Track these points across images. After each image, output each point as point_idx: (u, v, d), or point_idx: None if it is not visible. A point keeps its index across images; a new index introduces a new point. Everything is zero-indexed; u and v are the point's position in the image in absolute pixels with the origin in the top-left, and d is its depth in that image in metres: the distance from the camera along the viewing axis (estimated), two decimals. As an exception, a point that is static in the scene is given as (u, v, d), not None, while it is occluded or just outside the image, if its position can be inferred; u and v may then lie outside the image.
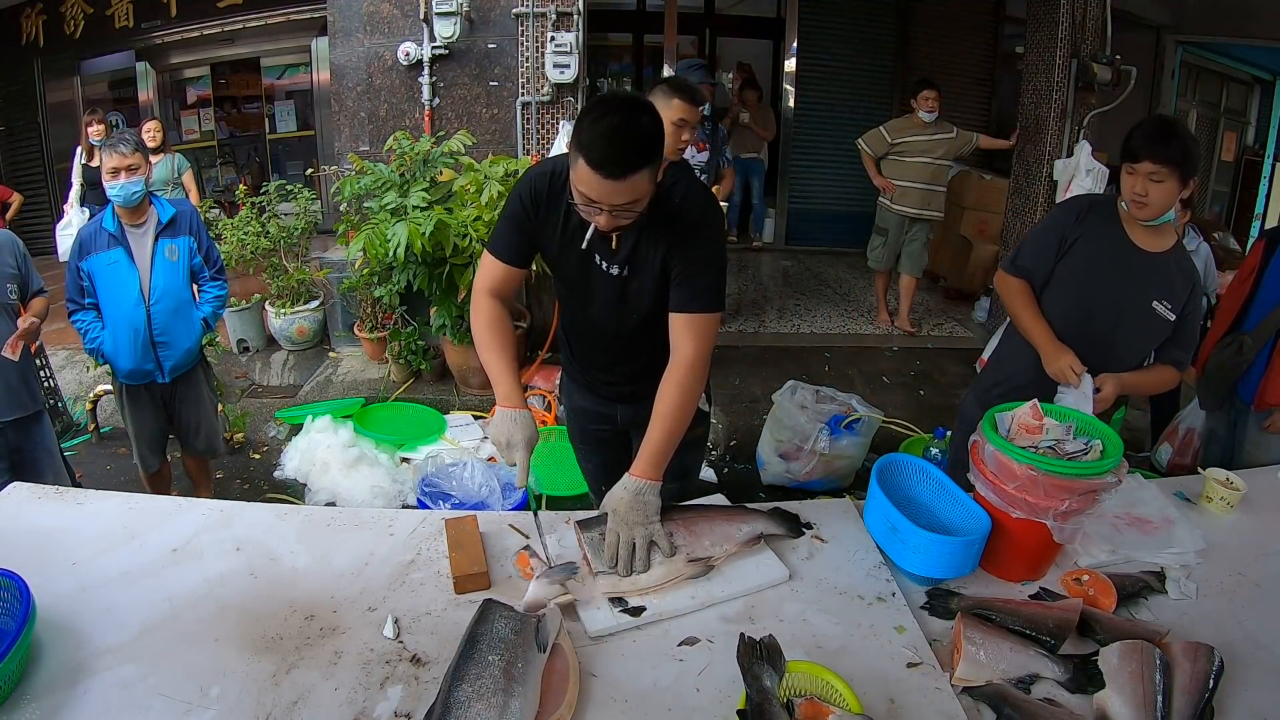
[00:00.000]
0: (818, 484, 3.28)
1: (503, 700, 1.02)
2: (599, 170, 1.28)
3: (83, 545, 1.43)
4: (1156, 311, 1.93)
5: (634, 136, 1.29)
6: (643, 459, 1.47)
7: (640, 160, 1.30)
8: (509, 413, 1.47)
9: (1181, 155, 1.80)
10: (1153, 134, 1.82)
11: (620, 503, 1.42)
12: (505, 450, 1.47)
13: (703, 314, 1.50)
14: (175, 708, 1.09)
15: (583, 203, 1.35)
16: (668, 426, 1.48)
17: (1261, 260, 2.39)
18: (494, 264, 1.60)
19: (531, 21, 4.25)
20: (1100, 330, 1.96)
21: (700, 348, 1.50)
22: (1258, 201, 7.01)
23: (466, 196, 3.66)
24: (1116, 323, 1.95)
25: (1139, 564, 1.48)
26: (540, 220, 1.54)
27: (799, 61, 6.58)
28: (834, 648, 1.24)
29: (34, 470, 2.41)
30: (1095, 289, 1.96)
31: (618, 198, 1.31)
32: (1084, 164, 4.34)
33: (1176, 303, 1.93)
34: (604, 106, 1.31)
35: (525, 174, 1.58)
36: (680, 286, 1.50)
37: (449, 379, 4.15)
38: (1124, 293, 1.94)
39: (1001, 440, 1.41)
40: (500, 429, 1.47)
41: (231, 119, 7.04)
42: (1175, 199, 1.87)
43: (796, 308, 5.51)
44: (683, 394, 1.49)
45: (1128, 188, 1.88)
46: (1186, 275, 1.96)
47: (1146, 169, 1.82)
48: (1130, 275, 1.94)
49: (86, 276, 2.57)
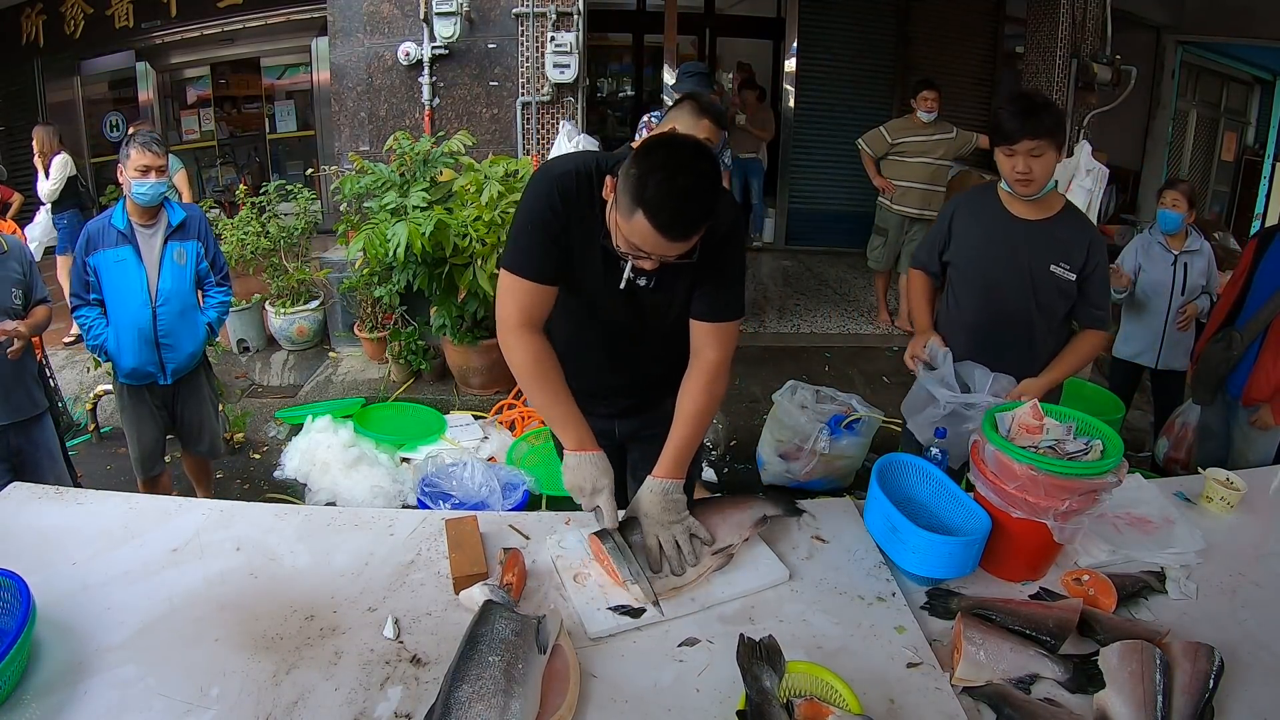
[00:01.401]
0: (818, 484, 3.28)
1: (503, 701, 1.02)
2: (665, 233, 1.22)
3: (83, 545, 1.43)
4: (1057, 275, 1.98)
5: (704, 198, 1.24)
6: (667, 459, 1.47)
7: (706, 220, 1.25)
8: (585, 456, 1.42)
9: (1054, 124, 1.85)
10: (1022, 111, 1.86)
11: (652, 505, 1.43)
12: (589, 497, 1.42)
13: (727, 322, 1.50)
14: (175, 708, 1.09)
15: (630, 250, 1.29)
16: (693, 428, 1.49)
17: (1253, 259, 2.45)
18: (523, 287, 1.41)
19: (531, 21, 4.25)
20: (1011, 305, 2.02)
21: (725, 353, 1.51)
22: (1258, 201, 7.01)
23: (466, 196, 3.66)
24: (1023, 294, 2.00)
25: (1139, 564, 1.48)
26: (570, 226, 1.41)
27: (799, 61, 6.58)
28: (834, 648, 1.24)
29: (35, 473, 2.40)
30: (993, 268, 2.03)
31: (673, 252, 1.27)
32: (1084, 164, 4.34)
33: (1074, 263, 1.97)
34: (673, 163, 1.22)
35: (543, 177, 1.44)
36: (707, 296, 1.48)
37: (449, 379, 4.15)
38: (1020, 264, 1.99)
39: (1002, 440, 1.40)
40: (581, 475, 1.41)
41: (231, 119, 7.04)
42: (1054, 169, 1.91)
43: (796, 308, 5.51)
44: (709, 398, 1.50)
45: (1008, 169, 1.92)
46: (1081, 234, 2.00)
47: (1025, 147, 1.86)
48: (1021, 246, 2.00)
49: (92, 271, 2.57)
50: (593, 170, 1.41)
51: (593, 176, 1.41)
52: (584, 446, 1.43)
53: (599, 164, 1.42)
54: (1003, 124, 1.88)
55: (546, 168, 1.46)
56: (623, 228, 1.27)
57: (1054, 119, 1.84)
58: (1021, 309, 2.01)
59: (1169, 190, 3.29)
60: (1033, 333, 2.02)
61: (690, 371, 1.53)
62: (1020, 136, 1.85)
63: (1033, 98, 1.91)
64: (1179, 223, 3.24)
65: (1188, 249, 3.27)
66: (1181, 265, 3.25)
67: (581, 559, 1.42)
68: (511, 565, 1.36)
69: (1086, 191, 4.35)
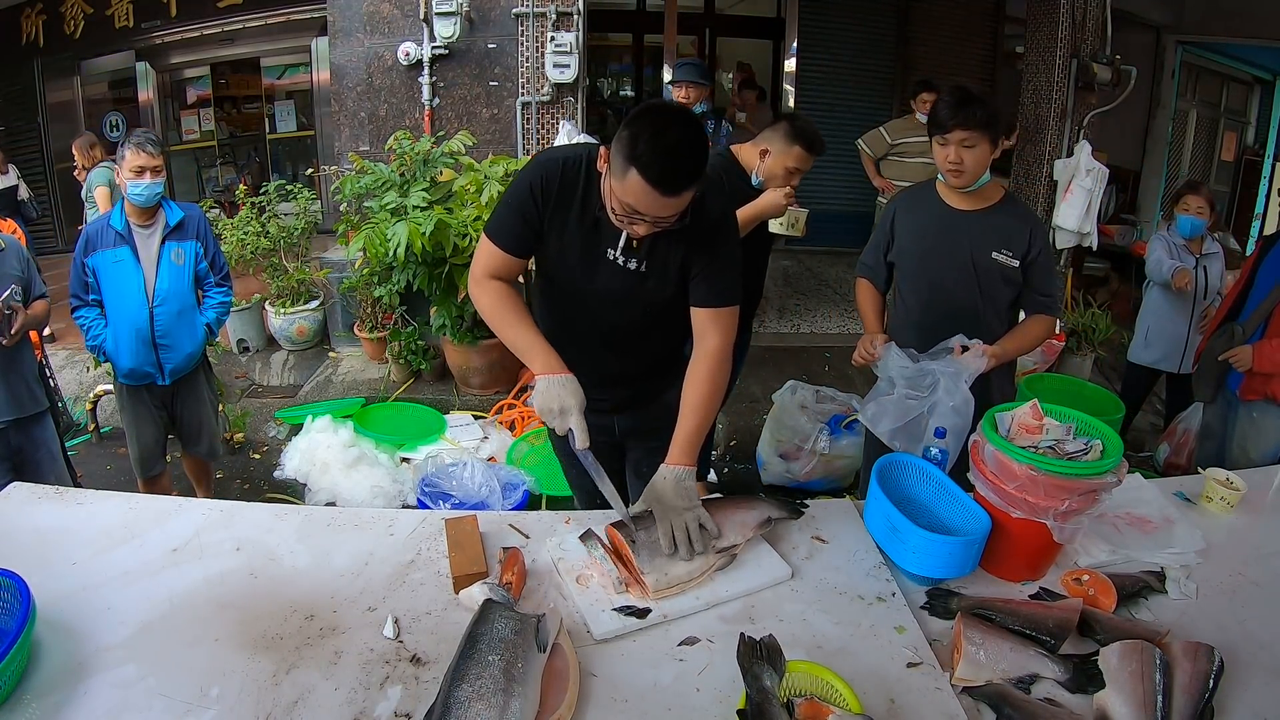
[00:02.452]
0: (818, 484, 3.28)
1: (503, 700, 1.02)
2: (658, 187, 1.27)
3: (83, 545, 1.43)
4: (999, 261, 2.01)
5: (694, 153, 1.30)
6: (677, 447, 1.49)
7: (697, 176, 1.31)
8: (554, 379, 1.44)
9: (987, 117, 1.90)
10: (956, 103, 1.91)
11: (665, 492, 1.45)
12: (558, 417, 1.44)
13: (727, 307, 1.54)
14: (175, 707, 1.09)
15: (624, 213, 1.35)
16: (701, 415, 1.52)
17: (1256, 259, 2.52)
18: (494, 251, 1.54)
19: (531, 21, 4.25)
20: (956, 297, 2.06)
21: (727, 339, 1.55)
22: (1258, 201, 7.01)
23: (466, 196, 3.66)
24: (965, 284, 2.04)
25: (1139, 564, 1.48)
26: (549, 211, 1.49)
27: (799, 61, 6.58)
28: (834, 648, 1.24)
29: (36, 472, 2.40)
30: (933, 260, 2.07)
31: (667, 211, 1.33)
32: (1084, 164, 4.34)
33: (1017, 249, 2.00)
34: (662, 121, 1.29)
35: (532, 163, 1.53)
36: (704, 283, 1.53)
37: (449, 379, 4.15)
38: (960, 254, 2.03)
39: (1001, 440, 1.40)
40: (549, 397, 1.44)
41: (231, 119, 7.04)
42: (989, 161, 1.97)
43: (796, 308, 5.51)
44: (713, 383, 1.54)
45: (942, 158, 1.97)
46: (1021, 221, 2.04)
47: (957, 137, 1.91)
48: (961, 236, 2.03)
49: (91, 272, 2.57)
50: (583, 159, 1.47)
51: (581, 165, 1.47)
52: (552, 370, 1.45)
53: (590, 155, 1.47)
54: (937, 113, 1.94)
55: (539, 156, 1.55)
56: (616, 190, 1.33)
57: (986, 112, 1.90)
58: (967, 299, 2.05)
59: (1191, 196, 3.24)
60: (979, 323, 2.04)
61: (694, 360, 1.55)
62: (953, 126, 1.90)
63: (967, 89, 1.96)
64: (1202, 229, 3.21)
65: (1206, 253, 3.24)
66: (1201, 270, 3.24)
67: (584, 561, 1.41)
68: (511, 565, 1.36)
69: (1086, 191, 4.35)
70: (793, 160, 2.27)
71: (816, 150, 2.30)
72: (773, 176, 2.32)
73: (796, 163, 2.28)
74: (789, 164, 2.28)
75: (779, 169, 2.30)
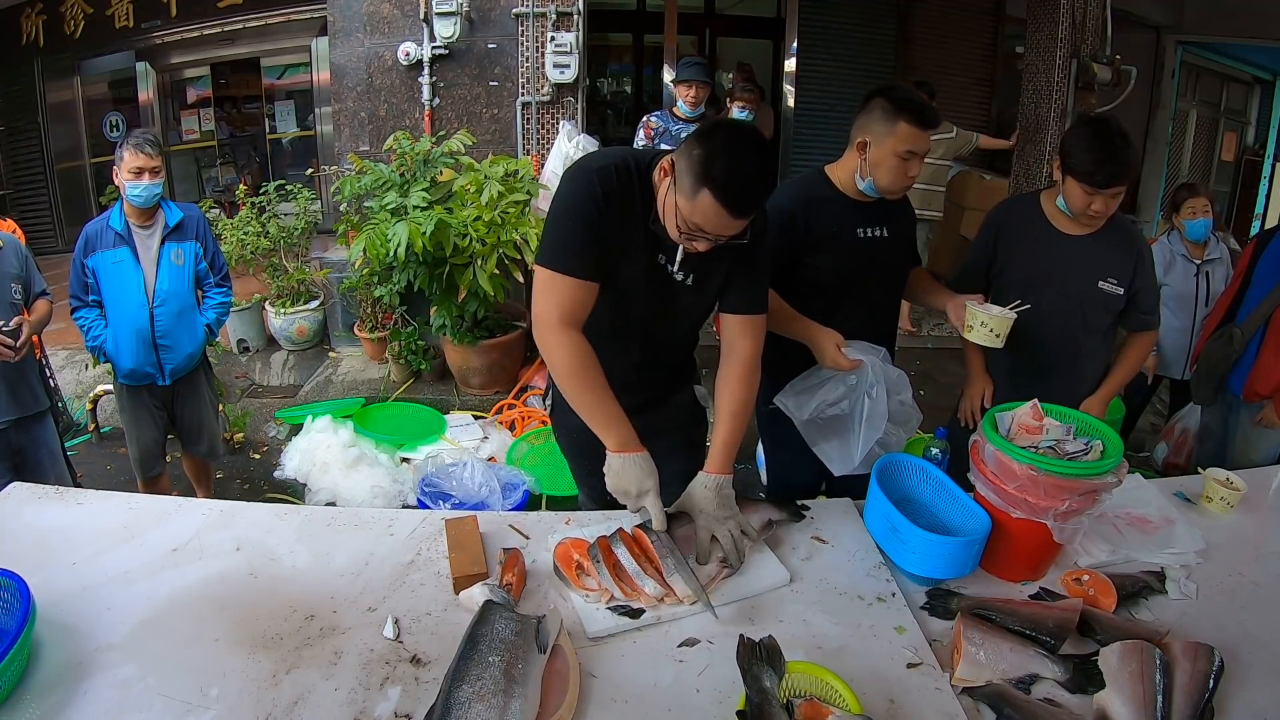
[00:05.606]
0: (818, 484, 3.27)
1: (503, 701, 1.02)
2: (732, 210, 1.27)
3: (83, 545, 1.43)
4: (1105, 290, 1.96)
5: (764, 176, 1.32)
6: (716, 455, 1.49)
7: (766, 197, 1.34)
8: (630, 458, 1.41)
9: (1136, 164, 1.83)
10: (1117, 159, 1.80)
11: (707, 502, 1.44)
12: (635, 499, 1.42)
13: (759, 315, 1.55)
14: (175, 707, 1.09)
15: (689, 231, 1.33)
16: (738, 421, 1.52)
17: (1251, 259, 2.48)
18: (563, 283, 1.38)
19: (531, 21, 4.25)
20: (1055, 325, 1.98)
21: (758, 345, 1.55)
22: (1258, 201, 7.01)
23: (466, 196, 3.66)
24: (1068, 313, 1.98)
25: (1139, 564, 1.48)
26: (613, 220, 1.39)
27: (799, 61, 6.58)
28: (834, 648, 1.24)
29: (37, 471, 2.41)
30: (1040, 288, 1.97)
31: (732, 230, 1.32)
32: (1084, 164, 4.33)
33: (1123, 276, 1.95)
34: (737, 143, 1.29)
35: (580, 172, 1.41)
36: (740, 291, 1.53)
37: (449, 379, 4.15)
38: (1069, 284, 1.96)
39: (1001, 440, 1.40)
40: (625, 477, 1.40)
41: (231, 119, 7.04)
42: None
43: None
44: (749, 391, 1.54)
45: (1083, 204, 1.86)
46: (1127, 245, 1.98)
47: (1113, 192, 1.84)
48: (1071, 265, 1.96)
49: (90, 273, 2.58)
50: (630, 165, 1.42)
51: (631, 170, 1.41)
52: (627, 447, 1.41)
53: (636, 160, 1.44)
54: (1095, 168, 1.80)
55: (582, 163, 1.44)
56: (683, 208, 1.30)
57: (1137, 159, 1.84)
58: (1067, 328, 1.99)
59: (1193, 199, 3.20)
60: (1079, 354, 2.01)
61: (726, 368, 1.54)
62: (1111, 184, 1.81)
63: (1125, 141, 1.81)
64: (1207, 229, 3.17)
65: (1209, 258, 3.21)
66: (1204, 275, 3.22)
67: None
68: (511, 565, 1.36)
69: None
70: (902, 142, 1.70)
71: (929, 122, 1.73)
72: (882, 169, 1.76)
73: (908, 144, 1.70)
74: (898, 148, 1.72)
75: (888, 157, 1.74)
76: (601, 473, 1.58)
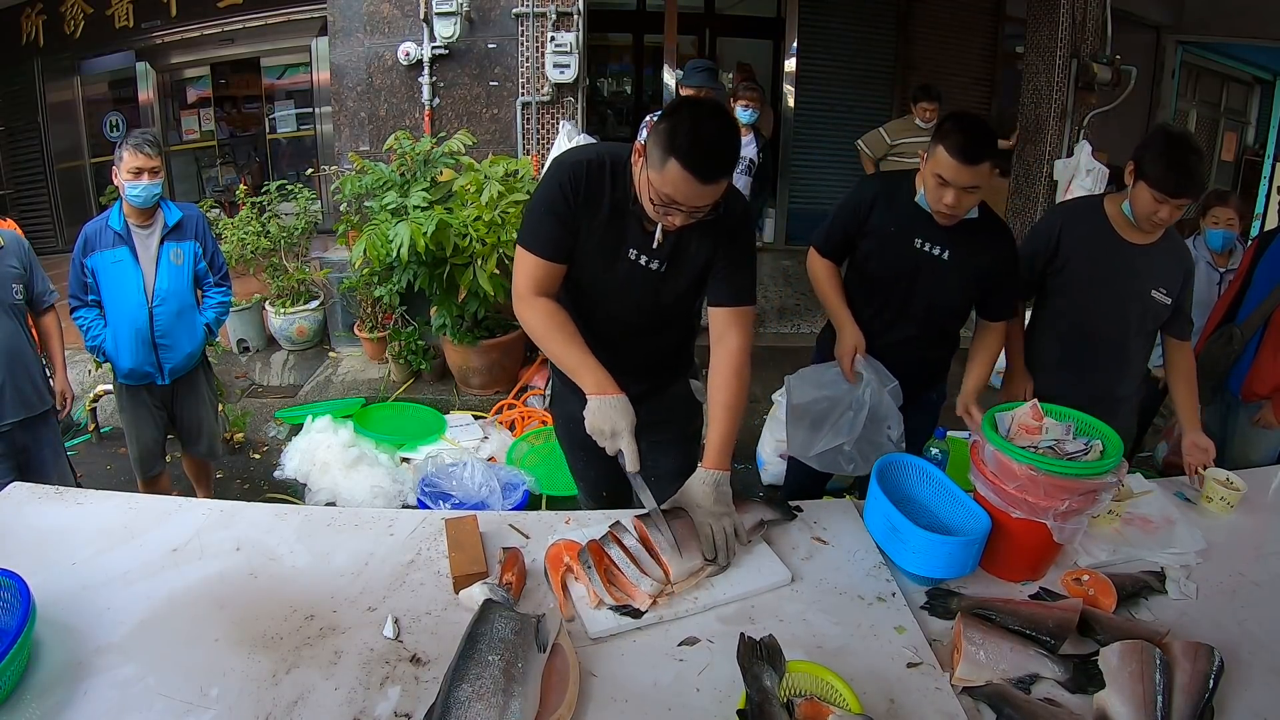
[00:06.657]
0: (818, 484, 3.28)
1: (503, 700, 1.02)
2: (696, 174, 1.30)
3: (83, 545, 1.43)
4: (1155, 299, 2.00)
5: (731, 142, 1.34)
6: (713, 451, 1.52)
7: (732, 164, 1.36)
8: (606, 399, 1.44)
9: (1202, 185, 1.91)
10: (1189, 171, 1.82)
11: (704, 497, 1.46)
12: (609, 439, 1.44)
13: (747, 307, 1.57)
14: (175, 707, 1.09)
15: (661, 203, 1.36)
16: (733, 416, 1.54)
17: (1252, 259, 2.50)
18: (535, 262, 1.50)
19: (531, 21, 4.25)
20: (1106, 329, 2.04)
21: (747, 338, 1.57)
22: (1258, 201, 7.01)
23: (467, 196, 3.66)
24: (1121, 318, 2.02)
25: (1139, 564, 1.48)
26: (579, 211, 1.49)
27: (799, 61, 6.58)
28: (834, 648, 1.24)
29: (40, 470, 2.42)
30: (1101, 291, 2.02)
31: (703, 200, 1.35)
32: (1084, 164, 4.34)
33: (1173, 286, 2.01)
34: (699, 112, 1.33)
35: (555, 166, 1.51)
36: (724, 283, 1.55)
37: (449, 379, 4.15)
38: (1128, 290, 2.00)
39: (1001, 440, 1.41)
40: (600, 417, 1.43)
41: (231, 119, 7.03)
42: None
43: (796, 308, 5.51)
44: (741, 383, 1.56)
45: (1150, 210, 1.88)
46: (1179, 260, 2.03)
47: (1179, 201, 1.85)
48: (1130, 273, 2.00)
49: (90, 273, 2.58)
50: (605, 161, 1.49)
51: (605, 165, 1.49)
52: (604, 390, 1.45)
53: (613, 156, 1.50)
54: (1171, 179, 1.82)
55: (561, 157, 1.54)
56: (654, 181, 1.35)
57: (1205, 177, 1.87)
58: (1117, 333, 2.05)
59: (1219, 207, 3.13)
60: (1124, 355, 2.07)
61: (716, 362, 1.56)
62: (1181, 194, 1.83)
63: (1199, 157, 1.86)
64: (1233, 241, 3.11)
65: (1232, 267, 3.12)
66: (1226, 284, 3.18)
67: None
68: (511, 564, 1.36)
69: (1086, 191, 4.35)
70: (936, 164, 1.73)
71: (964, 154, 1.69)
72: (926, 185, 1.81)
73: (939, 168, 1.72)
74: (935, 169, 1.74)
75: (929, 176, 1.78)
76: (599, 466, 1.70)
